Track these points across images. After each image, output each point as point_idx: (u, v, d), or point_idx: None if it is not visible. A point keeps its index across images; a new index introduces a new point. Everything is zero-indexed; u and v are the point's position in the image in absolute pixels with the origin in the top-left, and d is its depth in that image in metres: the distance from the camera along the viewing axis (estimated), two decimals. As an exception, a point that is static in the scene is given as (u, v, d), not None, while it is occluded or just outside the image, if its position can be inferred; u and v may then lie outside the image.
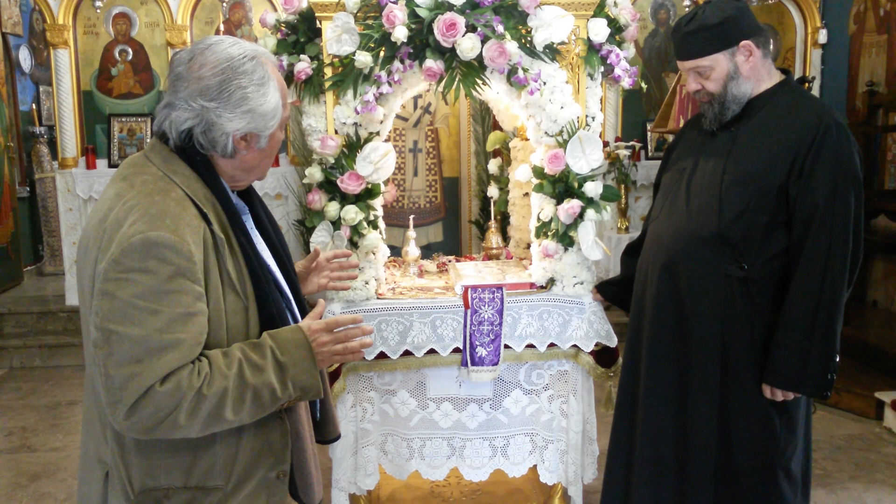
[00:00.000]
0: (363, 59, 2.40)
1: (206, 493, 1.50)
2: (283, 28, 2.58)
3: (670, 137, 5.67)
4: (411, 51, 2.44)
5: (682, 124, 4.51)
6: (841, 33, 5.69)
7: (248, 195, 1.69)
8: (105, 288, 1.35)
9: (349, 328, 1.55)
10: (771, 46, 2.29)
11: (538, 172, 2.62)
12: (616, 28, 2.64)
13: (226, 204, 1.51)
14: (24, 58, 6.37)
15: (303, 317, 1.68)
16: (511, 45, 2.38)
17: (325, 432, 1.81)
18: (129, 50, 6.34)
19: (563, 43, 2.52)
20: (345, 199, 2.54)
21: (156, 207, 1.40)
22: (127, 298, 1.34)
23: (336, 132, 2.55)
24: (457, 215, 6.19)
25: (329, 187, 2.54)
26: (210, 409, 1.38)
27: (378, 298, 2.64)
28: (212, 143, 1.49)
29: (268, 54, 1.55)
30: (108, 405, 1.36)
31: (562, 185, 2.58)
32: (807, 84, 4.64)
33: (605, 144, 5.80)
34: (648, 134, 6.46)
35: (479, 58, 2.41)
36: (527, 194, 3.01)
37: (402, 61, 2.45)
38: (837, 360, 2.13)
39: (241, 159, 1.54)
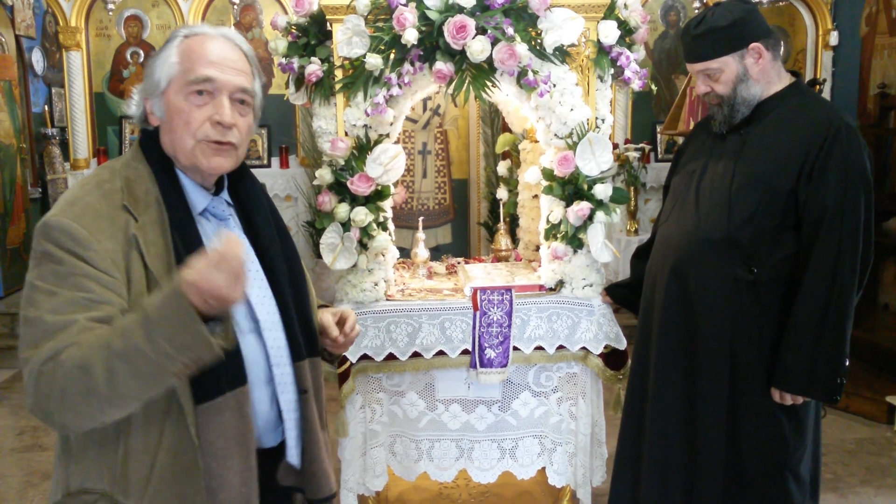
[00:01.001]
0: (373, 61, 2.41)
1: None
2: (294, 30, 2.59)
3: (680, 140, 5.66)
4: (421, 53, 2.45)
5: (692, 127, 4.50)
6: (852, 35, 5.66)
7: (250, 202, 1.59)
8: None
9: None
10: (781, 49, 2.29)
11: (547, 174, 2.62)
12: (626, 30, 2.64)
13: (171, 201, 1.43)
14: (37, 60, 6.42)
15: (297, 346, 1.55)
16: (521, 48, 2.39)
17: (314, 487, 1.59)
18: (141, 52, 6.38)
19: (573, 45, 2.52)
20: (354, 200, 2.54)
21: (74, 195, 1.40)
22: (30, 280, 1.33)
23: (346, 134, 2.56)
24: (466, 217, 6.19)
25: (339, 189, 2.55)
26: (83, 384, 1.25)
27: (387, 300, 2.65)
28: (137, 120, 1.51)
29: (194, 27, 1.51)
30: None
31: (571, 188, 2.58)
32: (817, 86, 4.62)
33: (615, 146, 5.79)
34: (658, 136, 6.45)
35: (489, 60, 2.42)
36: (536, 196, 3.02)
37: (412, 63, 2.45)
38: (847, 363, 2.12)
39: (163, 140, 1.48)
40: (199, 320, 1.23)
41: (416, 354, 2.62)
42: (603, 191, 2.55)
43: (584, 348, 2.67)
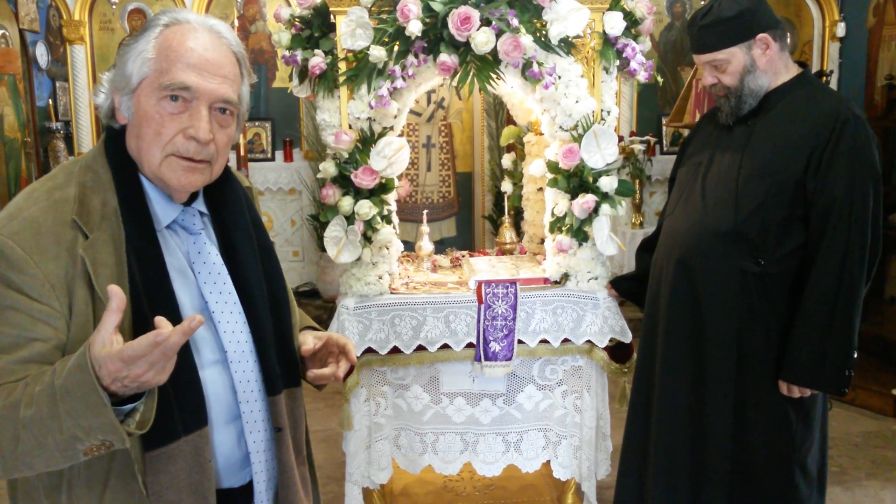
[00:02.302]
0: (377, 53, 2.39)
1: None
2: (298, 23, 2.58)
3: (686, 132, 5.64)
4: (425, 45, 2.43)
5: (697, 118, 4.48)
6: (859, 26, 5.62)
7: (228, 214, 1.40)
8: None
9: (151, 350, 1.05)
10: (788, 39, 2.27)
11: (552, 167, 2.61)
12: (632, 21, 2.62)
13: (130, 217, 1.24)
14: (41, 54, 6.42)
15: (273, 379, 1.37)
16: (526, 39, 2.37)
17: None
18: (145, 45, 6.37)
19: (578, 37, 2.51)
20: (359, 193, 2.54)
21: (17, 206, 1.21)
22: None
23: (350, 127, 2.55)
24: (470, 210, 6.18)
25: (343, 182, 2.54)
26: None
27: (391, 293, 2.64)
28: (104, 113, 1.31)
29: (177, 13, 1.27)
30: None
31: (576, 180, 2.56)
32: (824, 78, 4.59)
33: (620, 139, 5.76)
34: (664, 128, 6.42)
35: (494, 52, 2.40)
36: (541, 189, 3.00)
37: (416, 56, 2.44)
38: (855, 356, 2.11)
39: (129, 143, 1.29)
40: (106, 404, 1.05)
41: (420, 348, 2.61)
42: (608, 183, 2.54)
43: (589, 341, 2.66)
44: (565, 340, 2.66)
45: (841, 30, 5.94)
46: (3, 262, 1.15)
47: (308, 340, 1.47)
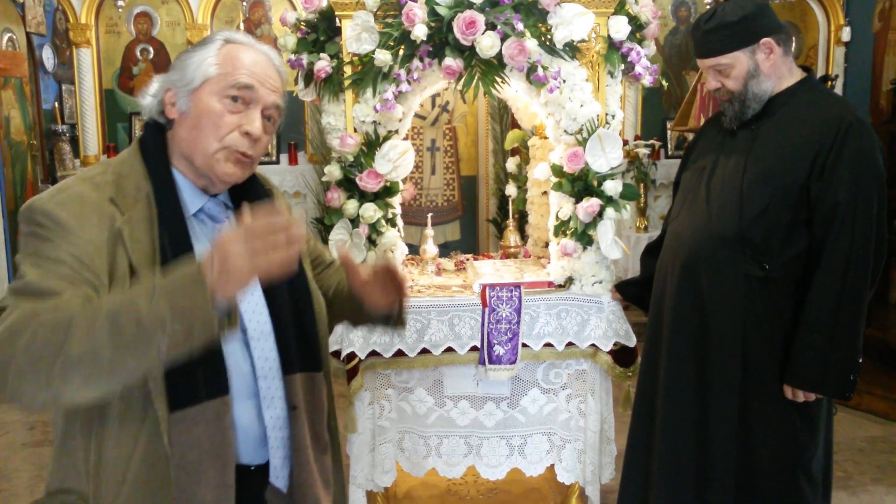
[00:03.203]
0: (383, 57, 2.40)
1: None
2: (303, 27, 2.59)
3: (690, 136, 5.63)
4: (431, 49, 2.44)
5: (702, 123, 4.48)
6: (865, 31, 5.61)
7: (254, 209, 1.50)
8: None
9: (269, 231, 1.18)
10: (792, 44, 2.27)
11: (557, 171, 2.61)
12: (637, 25, 2.62)
13: (163, 199, 1.37)
14: (48, 57, 6.45)
15: (289, 359, 1.47)
16: (531, 43, 2.38)
17: None
18: (151, 49, 6.41)
19: (583, 41, 2.51)
20: (363, 197, 2.54)
21: (64, 184, 1.36)
22: (18, 259, 1.30)
23: (355, 130, 2.55)
24: (474, 214, 6.19)
25: (348, 185, 2.55)
26: (56, 339, 1.15)
27: (396, 296, 2.64)
28: (148, 109, 1.46)
29: (235, 35, 1.46)
30: None
31: (581, 184, 2.57)
32: (829, 82, 4.58)
33: (625, 143, 5.77)
34: (668, 132, 6.42)
35: (499, 56, 2.41)
36: (545, 193, 3.00)
37: (421, 59, 2.45)
38: (860, 361, 2.11)
39: (176, 134, 1.43)
40: (207, 288, 1.16)
41: (424, 351, 2.61)
42: (613, 187, 2.54)
43: (593, 345, 2.66)
44: (569, 344, 2.66)
45: (846, 34, 5.93)
46: (52, 224, 1.28)
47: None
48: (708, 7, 5.42)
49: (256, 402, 1.44)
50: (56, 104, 6.59)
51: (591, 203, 2.52)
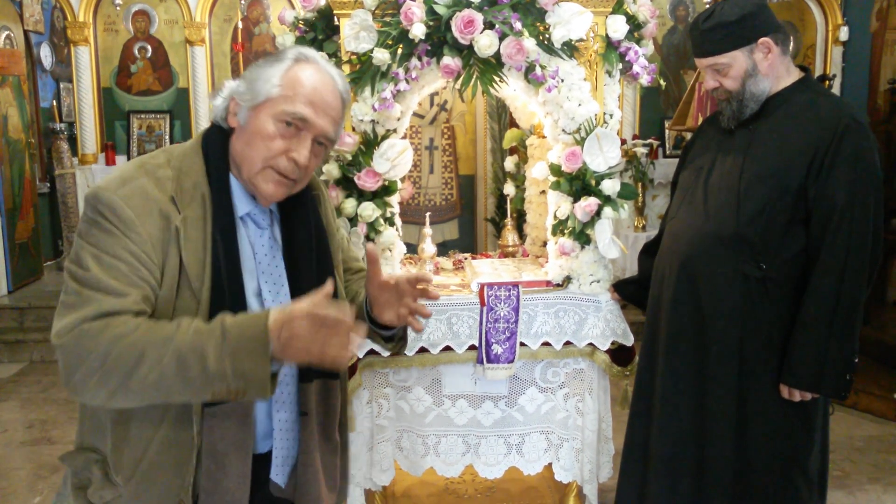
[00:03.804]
0: (381, 56, 2.40)
1: (110, 485, 1.43)
2: (302, 25, 2.59)
3: (688, 135, 5.64)
4: (429, 48, 2.44)
5: (700, 122, 4.48)
6: (862, 30, 5.62)
7: (295, 217, 1.55)
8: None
9: (333, 321, 1.24)
10: (790, 44, 2.28)
11: (555, 170, 2.62)
12: (635, 25, 2.62)
13: (218, 200, 1.43)
14: (45, 55, 6.44)
15: (306, 369, 1.52)
16: (529, 43, 2.38)
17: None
18: (149, 47, 6.41)
19: (581, 40, 2.51)
20: (362, 195, 2.54)
21: (128, 174, 1.40)
22: (79, 241, 1.36)
23: (353, 129, 2.56)
24: (472, 213, 6.19)
25: (346, 184, 2.55)
26: (128, 360, 1.26)
27: (394, 295, 2.65)
28: (216, 111, 1.51)
29: (307, 52, 1.49)
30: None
31: (579, 183, 2.57)
32: (827, 82, 4.58)
33: (623, 142, 5.77)
34: (666, 132, 6.43)
35: (497, 55, 2.41)
36: (543, 192, 3.01)
37: (419, 58, 2.45)
38: (856, 360, 2.12)
39: (234, 143, 1.48)
40: (269, 356, 1.25)
41: (422, 350, 2.62)
42: (610, 186, 2.54)
43: (591, 344, 2.66)
44: (567, 343, 2.66)
45: (844, 34, 5.94)
46: (115, 218, 1.34)
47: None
48: (706, 6, 5.43)
49: (269, 403, 1.51)
50: (54, 102, 6.58)
51: (589, 202, 2.52)
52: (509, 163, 3.43)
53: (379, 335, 1.64)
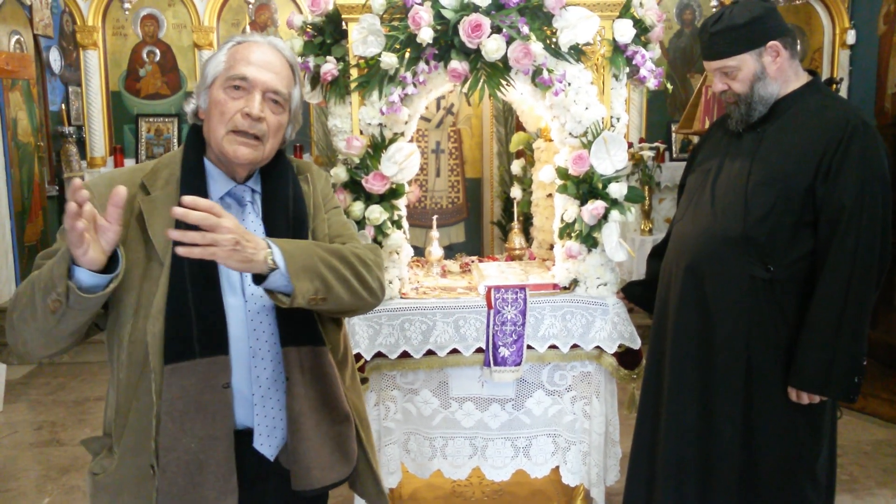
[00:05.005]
0: (389, 60, 2.41)
1: (110, 456, 1.53)
2: (310, 30, 2.60)
3: (695, 139, 5.63)
4: (436, 52, 2.45)
5: (707, 125, 4.48)
6: (870, 34, 5.61)
7: (271, 192, 1.65)
8: None
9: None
10: (798, 47, 2.28)
11: (562, 173, 2.62)
12: (641, 29, 2.63)
13: (188, 180, 1.55)
14: (55, 59, 6.48)
15: (287, 332, 1.57)
16: (536, 46, 2.39)
17: (294, 477, 1.57)
18: (157, 51, 6.43)
19: (588, 44, 2.52)
20: (369, 199, 2.55)
21: (108, 172, 1.66)
22: None
23: (361, 133, 2.57)
24: (479, 216, 6.19)
25: (354, 187, 2.56)
26: (12, 300, 1.45)
27: (402, 298, 2.66)
28: (189, 114, 1.66)
29: (248, 37, 1.63)
30: None
31: (586, 187, 2.57)
32: (834, 85, 4.58)
33: (630, 145, 5.77)
34: (673, 135, 6.42)
35: (504, 59, 2.42)
36: (550, 195, 3.01)
37: (427, 62, 2.46)
38: (865, 363, 2.11)
39: (204, 129, 1.61)
40: (66, 257, 1.32)
41: (430, 352, 2.62)
42: (618, 190, 2.55)
43: (598, 347, 2.66)
44: (574, 346, 2.67)
45: (851, 37, 5.93)
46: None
47: None
48: (714, 10, 5.42)
49: (251, 369, 1.55)
50: (63, 106, 6.61)
51: (596, 205, 2.53)
52: (516, 166, 3.44)
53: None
